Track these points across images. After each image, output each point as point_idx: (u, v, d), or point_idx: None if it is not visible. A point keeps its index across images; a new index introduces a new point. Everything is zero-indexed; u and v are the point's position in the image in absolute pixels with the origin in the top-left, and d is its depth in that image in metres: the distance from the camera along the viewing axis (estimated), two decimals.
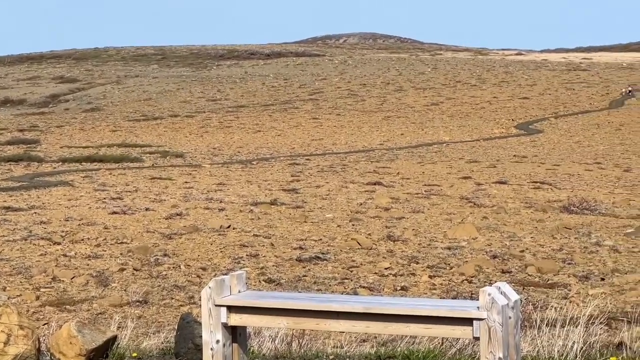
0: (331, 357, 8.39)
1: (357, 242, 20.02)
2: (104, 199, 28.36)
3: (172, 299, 15.52)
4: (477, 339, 6.03)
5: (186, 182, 33.89)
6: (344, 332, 9.63)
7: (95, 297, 15.56)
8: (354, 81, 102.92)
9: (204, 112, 79.74)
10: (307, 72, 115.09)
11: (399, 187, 31.81)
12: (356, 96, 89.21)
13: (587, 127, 64.51)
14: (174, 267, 17.80)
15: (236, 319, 6.53)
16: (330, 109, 79.15)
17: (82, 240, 20.43)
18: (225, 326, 6.52)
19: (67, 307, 14.90)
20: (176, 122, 71.77)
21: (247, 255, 18.85)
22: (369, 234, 21.30)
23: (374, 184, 32.69)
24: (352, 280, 16.77)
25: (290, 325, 6.54)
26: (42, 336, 9.08)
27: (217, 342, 6.52)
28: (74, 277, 16.87)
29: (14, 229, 22.03)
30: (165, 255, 18.82)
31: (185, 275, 17.21)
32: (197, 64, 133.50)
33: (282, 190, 30.99)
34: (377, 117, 72.87)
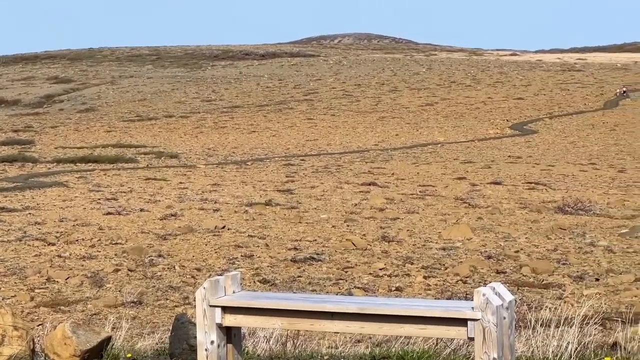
0: (326, 357, 8.39)
1: (352, 243, 20.02)
2: (99, 199, 28.34)
3: (167, 299, 15.52)
4: (472, 339, 6.04)
5: (181, 183, 33.88)
6: (338, 333, 9.63)
7: (89, 298, 15.55)
8: (348, 82, 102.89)
9: (199, 112, 79.68)
10: (301, 73, 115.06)
11: (393, 188, 31.82)
12: (351, 97, 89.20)
13: (582, 127, 64.56)
14: (168, 268, 17.79)
15: (231, 320, 6.53)
16: (325, 110, 79.15)
17: (77, 241, 20.42)
18: (219, 327, 6.52)
19: (62, 307, 14.89)
20: (171, 123, 71.71)
21: (241, 255, 18.85)
22: (364, 235, 21.30)
23: (369, 185, 32.70)
24: (346, 280, 16.77)
25: (284, 325, 6.54)
26: (37, 337, 9.08)
27: (212, 342, 6.52)
28: (68, 278, 16.86)
29: (9, 229, 22.01)
30: (159, 256, 18.81)
31: (179, 275, 17.20)
32: (192, 65, 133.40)
33: (277, 190, 30.99)
34: (372, 117, 72.86)
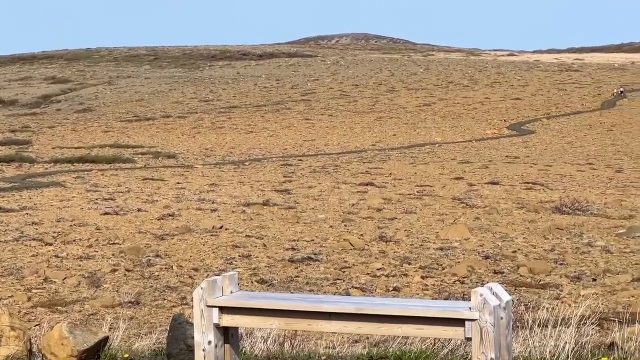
0: (323, 357, 8.39)
1: (350, 243, 20.02)
2: (96, 199, 28.32)
3: (164, 299, 15.51)
4: (469, 339, 6.04)
5: (178, 183, 33.87)
6: (336, 333, 9.63)
7: (87, 298, 15.53)
8: (346, 82, 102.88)
9: (196, 112, 79.65)
10: (299, 73, 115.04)
11: (391, 188, 31.83)
12: (348, 97, 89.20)
13: (579, 127, 64.59)
14: (166, 268, 17.78)
15: (228, 320, 6.52)
16: (322, 110, 79.14)
17: (74, 241, 20.40)
18: (217, 327, 6.52)
19: (59, 308, 14.88)
20: (168, 123, 71.69)
21: (239, 256, 18.84)
22: (361, 235, 21.30)
23: (366, 185, 32.70)
24: (344, 281, 16.77)
25: (282, 326, 6.54)
26: (34, 337, 9.07)
27: (209, 343, 6.51)
28: (65, 278, 16.85)
29: (6, 229, 21.99)
30: (157, 256, 18.80)
31: (177, 276, 17.19)
32: (190, 65, 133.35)
33: (275, 190, 30.98)
34: (370, 117, 72.86)
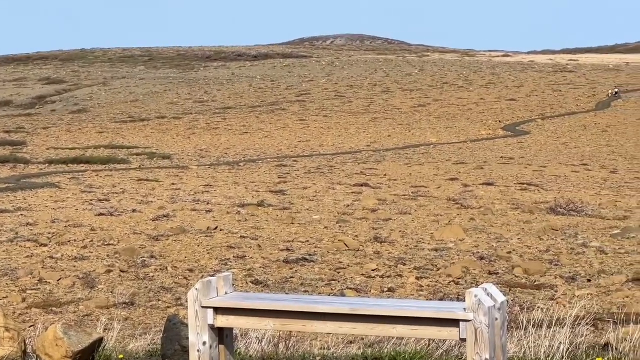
0: (318, 358, 8.38)
1: (344, 244, 20.02)
2: (91, 200, 28.30)
3: (159, 300, 15.50)
4: (464, 340, 6.04)
5: (173, 184, 33.85)
6: (330, 334, 9.62)
7: (81, 299, 15.52)
8: (340, 82, 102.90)
9: (191, 113, 79.62)
10: (294, 74, 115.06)
11: (385, 189, 31.84)
12: (343, 97, 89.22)
13: (574, 128, 64.67)
14: (160, 269, 17.77)
15: (223, 321, 6.51)
16: (317, 111, 79.15)
17: (69, 241, 20.39)
18: (211, 328, 6.51)
19: (53, 308, 14.86)
20: (163, 124, 71.65)
21: (234, 256, 18.84)
22: (356, 236, 21.30)
23: (361, 186, 32.71)
24: (339, 281, 16.77)
25: (276, 326, 6.53)
26: (28, 338, 9.06)
27: (204, 343, 6.50)
28: (60, 279, 16.83)
29: (0, 230, 21.97)
30: (151, 256, 18.78)
31: (171, 276, 17.18)
32: (184, 65, 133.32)
33: (269, 191, 30.98)
34: (364, 118, 72.89)
